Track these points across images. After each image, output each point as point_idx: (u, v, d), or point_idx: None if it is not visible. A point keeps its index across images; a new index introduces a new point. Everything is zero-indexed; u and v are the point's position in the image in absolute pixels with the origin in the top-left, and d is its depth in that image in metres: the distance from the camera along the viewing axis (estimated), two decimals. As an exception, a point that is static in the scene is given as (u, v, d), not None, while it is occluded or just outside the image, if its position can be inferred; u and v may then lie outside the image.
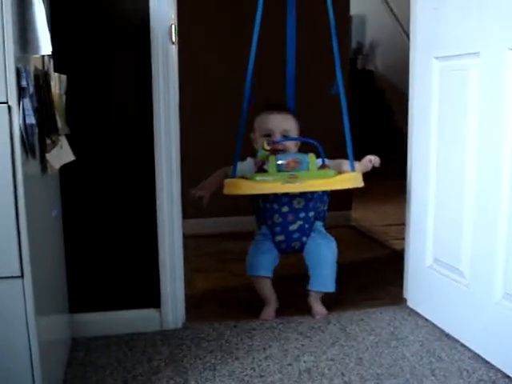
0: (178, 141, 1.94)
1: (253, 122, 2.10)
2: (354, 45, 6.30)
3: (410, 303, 2.16)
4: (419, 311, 2.09)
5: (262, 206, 2.10)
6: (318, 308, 2.11)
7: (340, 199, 3.51)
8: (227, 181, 1.98)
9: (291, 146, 2.06)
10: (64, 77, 1.65)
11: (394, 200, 3.57)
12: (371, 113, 5.65)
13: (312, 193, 2.06)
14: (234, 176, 2.00)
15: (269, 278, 2.12)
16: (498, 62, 1.61)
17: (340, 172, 2.02)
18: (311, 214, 2.10)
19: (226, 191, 1.97)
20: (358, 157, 2.06)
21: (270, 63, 2.40)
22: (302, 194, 2.05)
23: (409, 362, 1.73)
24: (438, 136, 1.94)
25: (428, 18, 1.95)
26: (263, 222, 2.14)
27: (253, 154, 2.10)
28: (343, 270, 2.44)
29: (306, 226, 2.11)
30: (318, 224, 2.14)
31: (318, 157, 2.00)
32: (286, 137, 2.04)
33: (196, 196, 1.99)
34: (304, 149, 2.08)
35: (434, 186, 1.98)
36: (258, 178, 1.95)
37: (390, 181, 3.73)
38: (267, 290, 2.13)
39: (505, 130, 1.60)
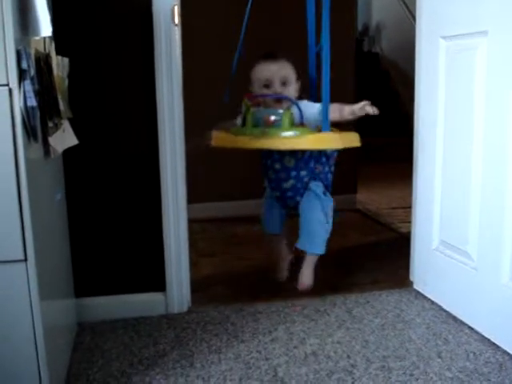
0: (182, 123, 1.92)
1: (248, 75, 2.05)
2: (359, 27, 6.24)
3: (416, 286, 2.15)
4: (425, 294, 2.08)
5: (260, 161, 2.13)
6: (305, 274, 2.08)
7: (345, 182, 3.51)
8: (214, 132, 2.02)
9: (291, 93, 1.99)
10: (66, 60, 1.64)
11: (399, 183, 3.55)
12: (377, 95, 5.60)
13: (302, 151, 2.01)
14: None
15: (278, 235, 2.20)
16: (507, 40, 1.59)
17: (319, 130, 1.91)
18: (303, 173, 2.05)
19: (212, 142, 2.02)
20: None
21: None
22: (292, 153, 2.00)
23: (415, 344, 1.72)
24: (444, 117, 1.92)
25: (434, -3, 1.93)
26: (264, 175, 2.16)
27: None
28: (349, 253, 2.45)
29: (299, 185, 2.07)
30: (313, 184, 2.06)
31: None
32: (284, 83, 1.97)
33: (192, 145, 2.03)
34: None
35: (440, 168, 1.96)
36: (235, 131, 1.98)
37: (396, 164, 3.72)
38: (275, 245, 2.25)
39: (512, 109, 1.58)
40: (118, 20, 1.83)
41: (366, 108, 1.89)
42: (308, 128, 1.92)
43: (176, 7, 1.83)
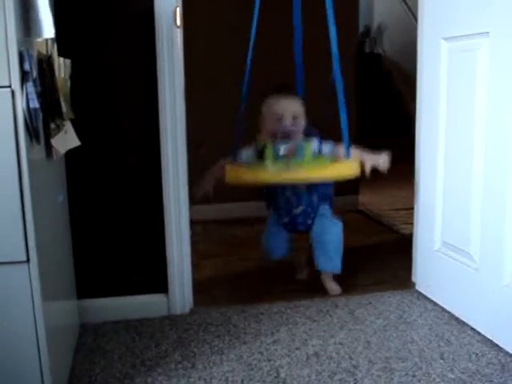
0: (184, 125, 1.92)
1: (255, 104, 2.08)
2: (361, 28, 6.24)
3: (418, 287, 2.15)
4: (428, 295, 2.08)
5: (266, 190, 2.17)
6: (332, 284, 2.17)
7: (347, 184, 3.49)
8: (228, 168, 2.00)
9: (301, 127, 2.04)
10: (68, 61, 1.64)
11: (401, 184, 3.54)
12: (379, 96, 5.61)
13: None
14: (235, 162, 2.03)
15: (287, 255, 2.22)
16: (508, 41, 1.59)
17: (337, 159, 2.02)
18: (314, 197, 2.13)
19: (226, 179, 1.99)
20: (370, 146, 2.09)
21: (276, 49, 2.36)
22: None
23: (417, 345, 1.72)
24: (446, 118, 1.92)
25: (436, -1, 1.93)
26: (270, 206, 2.21)
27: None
28: (351, 255, 2.44)
29: (309, 209, 2.14)
30: (322, 207, 2.16)
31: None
32: (294, 118, 2.02)
33: (200, 194, 2.07)
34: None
35: (442, 170, 1.96)
36: (255, 167, 1.99)
37: (398, 165, 3.71)
38: (296, 261, 2.30)
39: (514, 110, 1.58)
40: (120, 22, 1.83)
41: (378, 162, 2.05)
42: (326, 159, 2.02)
43: (178, 9, 1.83)
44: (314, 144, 2.02)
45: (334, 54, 1.96)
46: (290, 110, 2.03)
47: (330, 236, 2.12)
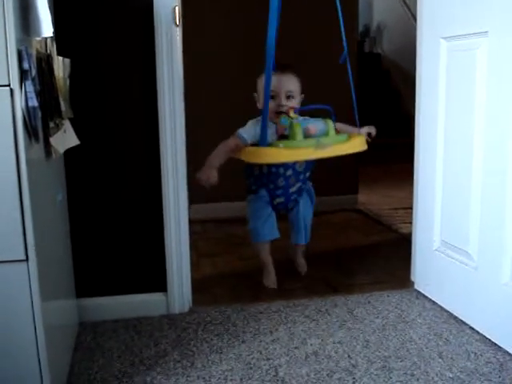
0: (183, 124, 1.92)
1: (255, 82, 2.10)
2: (360, 28, 6.24)
3: (417, 286, 2.15)
4: (426, 294, 2.08)
5: (267, 170, 2.12)
6: (303, 262, 2.34)
7: (346, 183, 3.51)
8: (251, 149, 1.96)
9: (295, 107, 2.05)
10: (67, 60, 1.64)
11: (400, 183, 3.56)
12: (378, 96, 5.61)
13: None
14: (247, 142, 2.00)
15: (271, 240, 2.22)
16: (507, 41, 1.59)
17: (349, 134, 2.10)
18: (307, 174, 2.19)
19: (251, 159, 1.96)
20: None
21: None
22: None
23: (416, 344, 1.72)
24: (445, 118, 1.92)
25: (435, -2, 1.93)
26: (263, 186, 2.17)
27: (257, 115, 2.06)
28: (350, 253, 2.45)
29: (303, 186, 2.20)
30: (308, 183, 2.25)
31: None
32: (288, 97, 2.04)
33: (204, 180, 1.99)
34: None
35: (441, 169, 1.96)
36: (290, 144, 1.90)
37: (397, 164, 3.72)
38: (266, 253, 2.25)
39: (513, 110, 1.58)
40: (119, 20, 1.83)
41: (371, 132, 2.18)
42: (343, 134, 2.05)
43: (177, 8, 1.83)
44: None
45: (343, 37, 2.02)
46: (284, 87, 2.03)
47: (310, 213, 2.26)
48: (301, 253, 2.35)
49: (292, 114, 2.00)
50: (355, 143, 2.04)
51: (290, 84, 2.05)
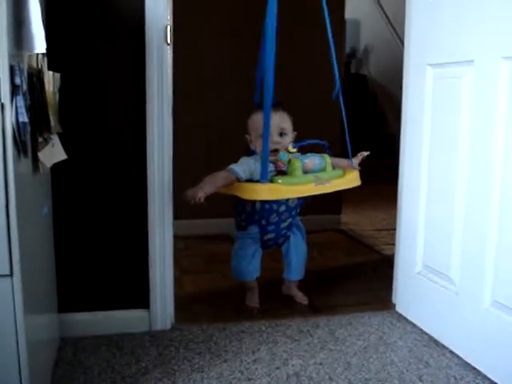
0: (171, 141, 1.93)
1: (245, 122, 2.08)
2: (347, 49, 6.31)
3: (398, 308, 2.16)
4: (408, 317, 2.09)
5: (260, 206, 2.06)
6: (300, 294, 2.29)
7: (330, 203, 3.52)
8: (249, 185, 1.92)
9: (288, 144, 2.02)
10: (58, 75, 1.65)
11: (384, 205, 3.59)
12: (364, 117, 5.67)
13: None
14: (242, 178, 1.95)
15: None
16: (492, 70, 1.62)
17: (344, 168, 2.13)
18: (298, 209, 2.17)
19: (249, 196, 1.92)
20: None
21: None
22: None
23: (397, 367, 1.73)
24: (430, 142, 1.95)
25: (423, 25, 1.96)
26: (254, 222, 2.12)
27: (248, 154, 2.07)
28: (332, 274, 2.46)
29: (293, 221, 2.18)
30: (297, 218, 2.23)
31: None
32: (281, 134, 2.01)
33: (195, 198, 1.86)
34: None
35: (425, 192, 1.98)
36: (290, 181, 1.91)
37: (381, 185, 3.74)
38: (250, 283, 2.22)
39: (496, 139, 1.61)
40: (110, 38, 1.84)
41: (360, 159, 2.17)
42: (339, 169, 2.09)
43: (169, 27, 1.84)
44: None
45: (334, 70, 2.07)
46: (277, 125, 1.99)
47: (302, 248, 2.24)
48: (295, 286, 2.30)
49: (291, 148, 1.99)
50: (351, 178, 2.09)
51: (283, 122, 2.01)
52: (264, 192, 1.88)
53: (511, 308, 1.58)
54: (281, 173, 1.95)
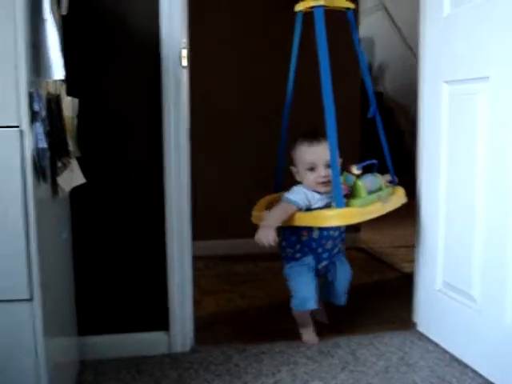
0: (189, 165, 1.94)
1: (289, 152, 2.07)
2: (362, 67, 6.31)
3: (419, 327, 2.14)
4: (429, 336, 2.07)
5: (318, 234, 2.01)
6: (324, 315, 2.26)
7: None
8: (323, 213, 1.91)
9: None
10: (76, 100, 1.67)
11: (403, 222, 3.54)
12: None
13: None
14: (302, 207, 1.94)
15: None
16: (508, 86, 1.61)
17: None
18: (345, 233, 2.13)
19: (320, 223, 1.91)
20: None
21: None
22: None
23: (419, 387, 1.71)
24: (447, 159, 1.94)
25: (437, 41, 1.96)
26: (310, 252, 2.04)
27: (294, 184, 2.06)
28: (352, 293, 2.43)
29: (340, 246, 2.13)
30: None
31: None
32: (327, 166, 1.96)
33: (269, 242, 1.87)
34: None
35: (444, 209, 1.97)
36: (361, 203, 1.93)
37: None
38: (308, 318, 2.11)
39: (514, 154, 1.60)
40: (126, 62, 1.86)
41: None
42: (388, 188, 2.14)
43: (184, 50, 1.86)
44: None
45: (369, 93, 2.15)
46: (323, 158, 1.96)
47: (349, 272, 2.18)
48: (324, 312, 2.26)
49: (355, 170, 1.98)
50: (401, 195, 2.15)
51: (327, 153, 1.93)
52: (341, 217, 1.89)
53: (534, 326, 1.56)
54: (345, 196, 1.93)
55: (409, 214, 2.26)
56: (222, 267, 3.09)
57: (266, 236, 1.87)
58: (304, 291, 2.01)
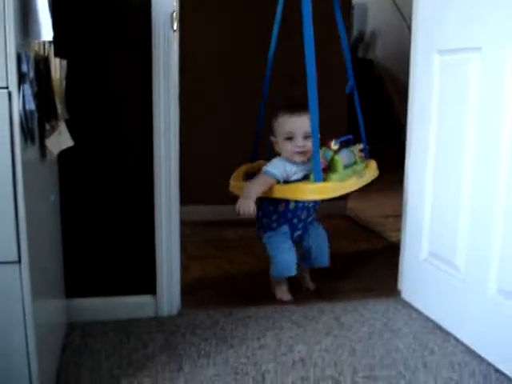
0: (178, 126, 1.93)
1: (270, 123, 2.09)
2: (355, 33, 6.27)
3: (404, 295, 2.17)
4: (413, 303, 2.10)
5: (294, 205, 2.07)
6: (311, 282, 2.31)
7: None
8: (302, 186, 1.95)
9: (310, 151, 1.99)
10: (64, 62, 1.65)
11: (391, 191, 3.56)
12: (370, 103, 5.64)
13: None
14: (280, 180, 1.98)
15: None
16: (499, 57, 1.61)
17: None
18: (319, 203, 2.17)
19: (301, 196, 1.96)
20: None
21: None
22: None
23: (401, 354, 1.74)
24: (437, 129, 1.94)
25: (430, 10, 1.95)
26: (286, 222, 2.11)
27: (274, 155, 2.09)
28: (338, 260, 2.46)
29: (315, 214, 2.20)
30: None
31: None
32: (306, 137, 1.99)
33: (249, 212, 1.94)
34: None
35: (430, 180, 1.98)
36: (337, 177, 1.96)
37: (387, 172, 3.73)
38: (286, 287, 2.20)
39: (503, 125, 1.61)
40: (116, 24, 1.84)
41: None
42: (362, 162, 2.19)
43: (175, 13, 1.84)
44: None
45: (348, 68, 2.19)
46: (301, 129, 1.99)
47: (324, 235, 2.23)
48: (308, 273, 2.31)
49: (333, 146, 2.00)
50: (374, 168, 2.23)
51: (307, 125, 1.96)
52: (320, 191, 1.93)
53: (516, 296, 1.59)
54: (322, 171, 1.95)
55: (398, 183, 2.27)
56: (209, 233, 3.10)
57: (247, 206, 1.94)
58: (284, 258, 2.08)
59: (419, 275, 2.07)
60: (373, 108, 5.63)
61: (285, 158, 2.04)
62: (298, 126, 2.00)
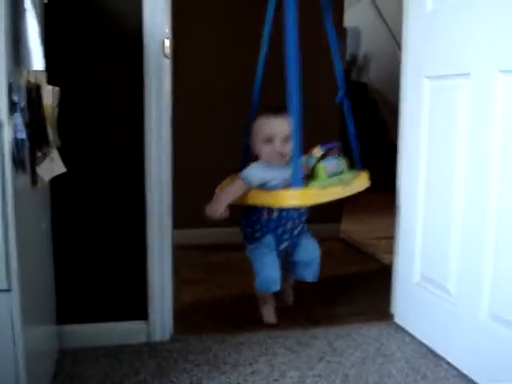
0: (170, 153, 1.94)
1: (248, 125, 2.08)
2: (348, 57, 6.32)
3: (397, 319, 2.17)
4: (406, 327, 2.10)
5: (277, 214, 2.05)
6: (291, 295, 2.33)
7: (330, 211, 3.51)
8: (282, 192, 1.90)
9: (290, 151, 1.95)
10: (57, 89, 1.65)
11: (384, 213, 3.56)
12: (364, 125, 5.66)
13: None
14: (252, 186, 1.96)
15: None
16: (488, 83, 1.63)
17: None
18: (306, 215, 2.15)
19: (280, 203, 1.94)
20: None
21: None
22: None
23: (394, 379, 1.73)
24: (427, 154, 1.95)
25: (420, 36, 1.97)
26: (269, 232, 2.08)
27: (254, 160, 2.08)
28: (331, 283, 2.46)
29: (303, 226, 2.17)
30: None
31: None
32: (285, 141, 1.96)
33: (218, 215, 1.96)
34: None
35: (422, 204, 1.99)
36: (320, 184, 1.93)
37: (381, 193, 3.74)
38: (272, 301, 2.20)
39: (492, 148, 1.62)
40: (108, 51, 1.85)
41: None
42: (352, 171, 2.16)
43: (166, 40, 1.86)
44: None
45: (338, 77, 2.15)
46: (281, 132, 1.97)
47: (316, 248, 2.19)
48: (291, 286, 2.31)
49: (316, 152, 1.98)
50: (365, 179, 2.17)
51: (286, 128, 1.93)
52: (299, 197, 1.89)
53: (508, 320, 1.59)
54: (304, 178, 1.93)
55: (392, 205, 2.27)
56: (200, 256, 3.08)
57: (214, 210, 1.97)
58: (268, 273, 2.06)
59: (412, 299, 2.07)
60: (367, 130, 5.66)
61: (264, 162, 2.02)
62: (276, 129, 1.97)
